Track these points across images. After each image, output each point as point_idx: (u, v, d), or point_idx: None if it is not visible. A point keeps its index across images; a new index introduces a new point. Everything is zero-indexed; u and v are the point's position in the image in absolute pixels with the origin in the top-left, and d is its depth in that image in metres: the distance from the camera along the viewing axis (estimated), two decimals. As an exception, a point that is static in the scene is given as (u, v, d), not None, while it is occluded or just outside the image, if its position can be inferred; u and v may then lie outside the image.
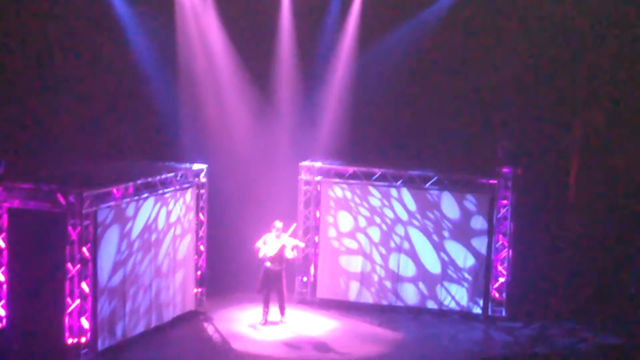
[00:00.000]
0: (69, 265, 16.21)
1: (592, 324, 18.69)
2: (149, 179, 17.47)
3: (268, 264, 18.31)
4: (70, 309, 16.28)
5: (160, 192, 17.84)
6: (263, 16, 20.45)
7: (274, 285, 18.39)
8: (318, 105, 20.80)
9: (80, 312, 16.35)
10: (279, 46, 20.75)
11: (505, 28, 19.96)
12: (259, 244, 18.28)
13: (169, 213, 18.19)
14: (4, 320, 16.96)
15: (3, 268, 16.89)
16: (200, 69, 20.47)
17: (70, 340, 16.35)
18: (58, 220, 16.10)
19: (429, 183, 19.25)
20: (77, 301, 16.27)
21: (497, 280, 19.14)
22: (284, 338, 17.94)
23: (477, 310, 19.22)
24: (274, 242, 18.31)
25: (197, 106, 20.53)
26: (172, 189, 18.16)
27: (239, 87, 20.70)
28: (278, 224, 18.34)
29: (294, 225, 18.61)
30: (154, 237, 17.80)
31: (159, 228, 17.94)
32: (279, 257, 18.32)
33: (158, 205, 17.86)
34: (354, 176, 19.50)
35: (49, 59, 19.75)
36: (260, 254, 18.24)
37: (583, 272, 19.72)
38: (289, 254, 18.27)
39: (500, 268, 19.13)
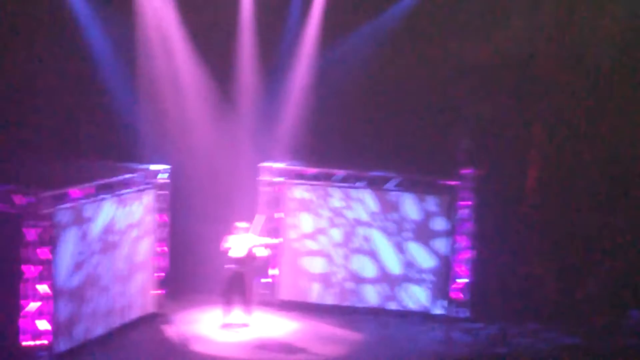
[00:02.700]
0: (26, 267, 15.79)
1: (553, 324, 18.64)
2: (109, 180, 17.20)
3: (233, 265, 18.17)
4: (26, 311, 15.87)
5: (120, 192, 17.56)
6: (223, 12, 19.98)
7: (238, 287, 18.22)
8: (279, 105, 20.46)
9: (38, 314, 15.91)
10: (239, 44, 20.30)
11: (468, 26, 19.87)
12: (223, 246, 18.14)
13: (129, 214, 17.89)
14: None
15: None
16: (159, 66, 19.96)
17: (27, 343, 15.90)
18: (14, 221, 15.72)
19: (390, 184, 19.17)
20: (36, 304, 15.86)
21: (458, 281, 19.02)
22: (245, 340, 17.71)
23: (439, 311, 19.10)
24: (240, 244, 18.20)
25: (156, 105, 20.08)
26: (132, 189, 17.86)
27: (199, 86, 20.27)
28: (240, 224, 18.24)
29: (262, 217, 18.54)
30: (113, 238, 17.50)
31: (119, 229, 17.62)
32: (244, 259, 18.17)
33: (118, 206, 17.60)
34: (315, 177, 19.31)
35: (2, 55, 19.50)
36: (223, 247, 18.13)
37: (544, 272, 19.64)
38: (260, 252, 18.15)
39: (461, 269, 19.01)
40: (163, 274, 18.72)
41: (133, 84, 19.95)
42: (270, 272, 19.46)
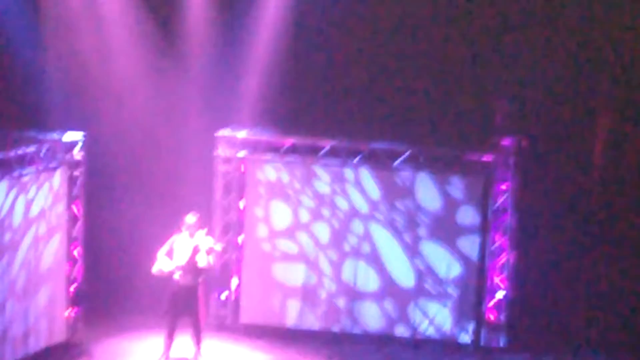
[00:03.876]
0: None
1: (621, 354, 16.70)
2: (0, 155, 15.22)
3: (177, 276, 15.69)
4: None
5: (15, 173, 15.48)
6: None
7: (186, 306, 15.84)
8: (242, 53, 18.37)
9: None
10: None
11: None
12: (162, 252, 15.76)
13: (28, 204, 15.76)
14: None
15: None
16: (76, 4, 18.02)
17: None
18: None
19: (399, 160, 16.90)
20: None
21: (493, 297, 17.01)
22: (194, 379, 16.28)
23: (466, 337, 17.06)
24: (185, 246, 15.84)
25: (70, 53, 17.97)
26: (33, 169, 15.80)
27: (130, 27, 18.20)
28: (190, 218, 15.85)
29: (205, 230, 16.32)
30: (7, 238, 15.42)
31: (15, 225, 15.55)
32: (193, 267, 15.73)
33: (13, 192, 15.44)
34: (293, 151, 17.33)
35: None
36: (155, 269, 15.73)
37: (609, 284, 17.35)
38: (202, 261, 15.76)
39: (497, 279, 16.99)
40: (77, 288, 16.76)
41: (35, 24, 17.98)
42: (228, 284, 17.55)
